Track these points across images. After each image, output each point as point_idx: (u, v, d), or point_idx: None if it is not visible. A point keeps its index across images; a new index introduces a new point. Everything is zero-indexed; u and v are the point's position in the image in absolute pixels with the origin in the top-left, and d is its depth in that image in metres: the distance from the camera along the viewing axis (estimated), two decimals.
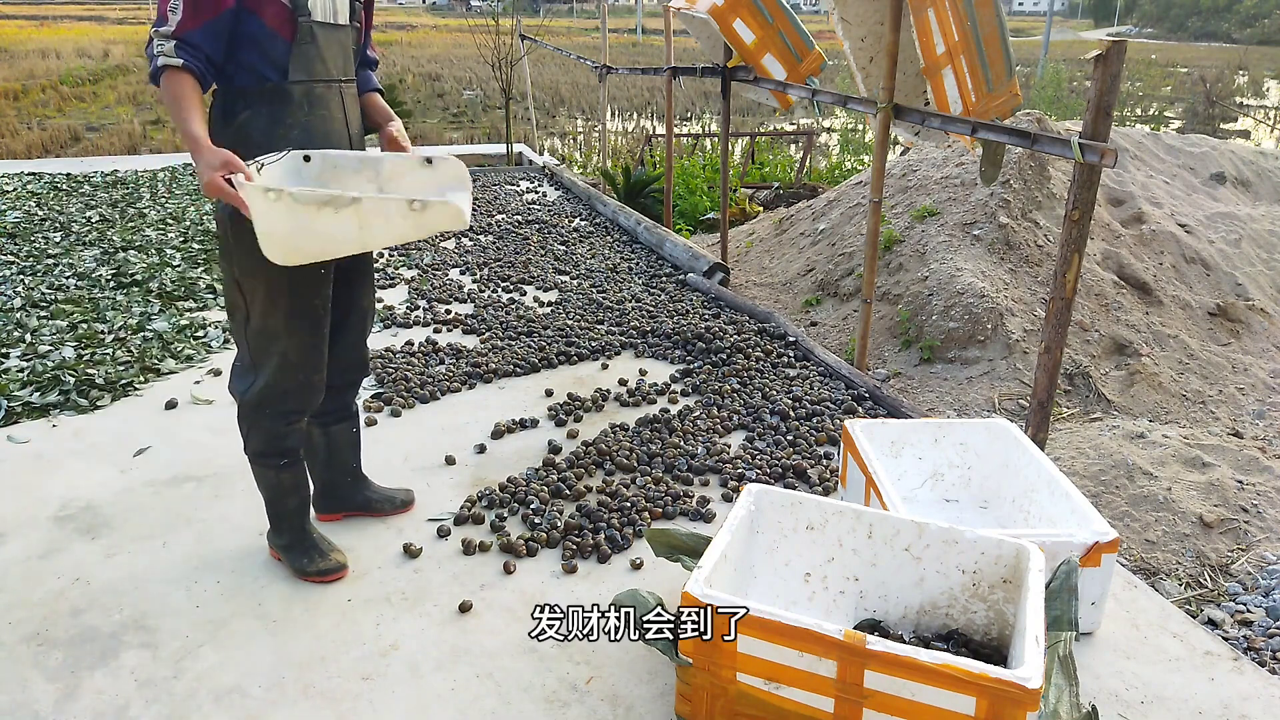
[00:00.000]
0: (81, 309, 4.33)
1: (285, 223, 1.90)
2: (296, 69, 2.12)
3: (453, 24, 34.93)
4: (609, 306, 4.55)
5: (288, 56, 2.10)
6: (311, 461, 2.58)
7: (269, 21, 2.06)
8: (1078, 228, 2.81)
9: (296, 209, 1.88)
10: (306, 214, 1.90)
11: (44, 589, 2.39)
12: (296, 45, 2.10)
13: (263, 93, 2.11)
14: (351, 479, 2.69)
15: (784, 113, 13.54)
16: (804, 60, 4.79)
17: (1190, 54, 34.17)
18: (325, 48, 2.16)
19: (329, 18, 2.16)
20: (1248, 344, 5.51)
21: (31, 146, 12.66)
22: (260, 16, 2.05)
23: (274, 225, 1.91)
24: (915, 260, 5.52)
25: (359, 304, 2.45)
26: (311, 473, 2.58)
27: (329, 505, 2.68)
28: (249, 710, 1.98)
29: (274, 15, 2.06)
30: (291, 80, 2.12)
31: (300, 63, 2.12)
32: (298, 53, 2.11)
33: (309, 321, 2.25)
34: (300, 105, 2.15)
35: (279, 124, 2.13)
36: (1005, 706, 1.57)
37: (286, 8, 2.07)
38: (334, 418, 2.56)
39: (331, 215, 1.91)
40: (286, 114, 2.13)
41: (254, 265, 2.10)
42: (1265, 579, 3.05)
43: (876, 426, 2.69)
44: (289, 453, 2.36)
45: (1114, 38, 2.70)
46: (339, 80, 2.23)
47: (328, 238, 1.95)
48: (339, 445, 2.61)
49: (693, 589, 1.79)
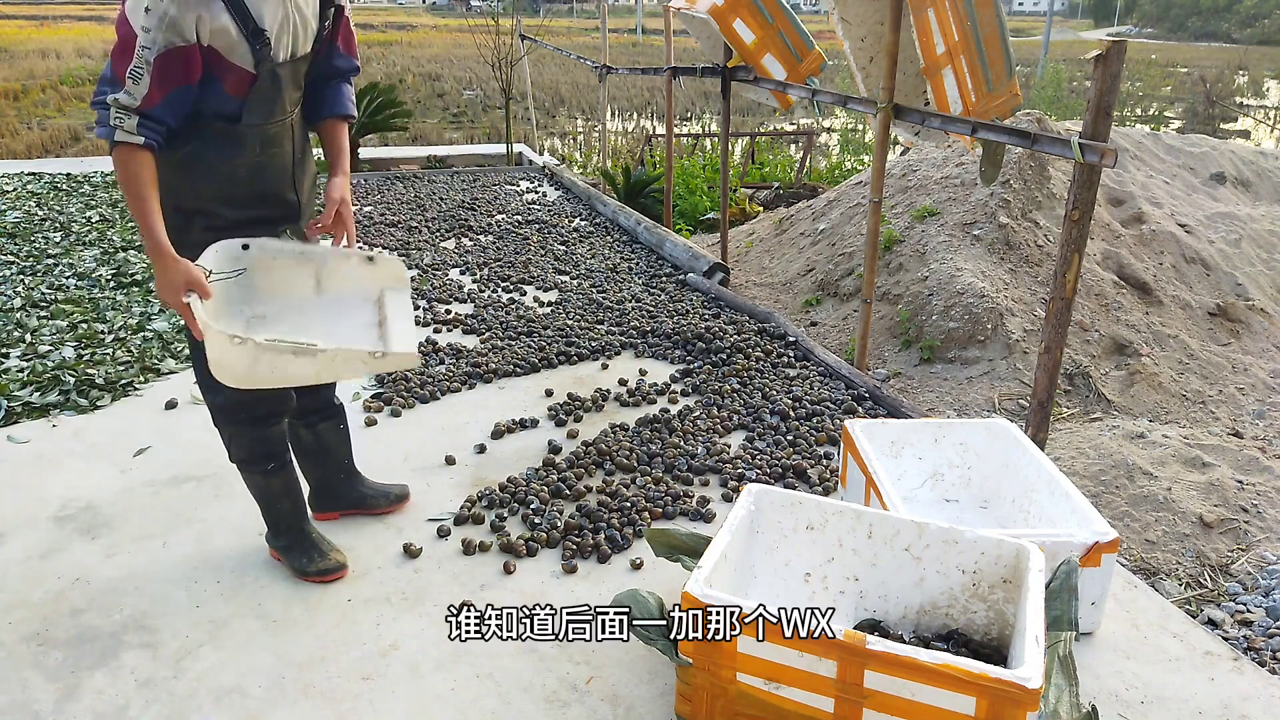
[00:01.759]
0: (81, 309, 4.33)
1: (244, 361, 1.91)
2: (251, 114, 2.05)
3: (453, 24, 34.91)
4: (609, 306, 4.55)
5: (242, 108, 2.04)
6: (303, 461, 2.56)
7: (228, 88, 1.99)
8: (1078, 228, 2.81)
9: (259, 353, 1.89)
10: (267, 358, 1.91)
11: (44, 589, 2.39)
12: (253, 93, 2.02)
13: (214, 130, 2.04)
14: (345, 476, 2.68)
15: (784, 113, 13.54)
16: (804, 60, 4.79)
17: (1190, 54, 34.17)
18: (284, 84, 2.08)
19: (289, 54, 2.06)
20: (1248, 344, 5.51)
21: (31, 146, 12.67)
22: (221, 83, 1.98)
23: (232, 362, 1.92)
24: (915, 260, 5.52)
25: None
26: (305, 473, 2.57)
27: (324, 504, 2.68)
28: (249, 710, 1.98)
29: (234, 82, 1.99)
30: (245, 123, 2.06)
31: (255, 107, 2.05)
32: (253, 99, 2.03)
33: None
34: (251, 146, 2.09)
35: (225, 161, 2.07)
36: (1005, 706, 1.57)
37: (249, 74, 1.99)
38: (318, 416, 2.54)
39: (291, 358, 1.93)
40: (235, 153, 2.07)
41: None
42: (1265, 579, 3.05)
43: (876, 426, 2.69)
44: (274, 456, 2.35)
45: (1114, 38, 2.70)
46: (289, 115, 2.17)
47: (284, 375, 1.96)
48: (328, 443, 2.59)
49: (693, 589, 1.79)
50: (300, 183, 2.26)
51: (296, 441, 2.52)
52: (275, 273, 2.20)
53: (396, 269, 2.33)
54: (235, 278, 2.12)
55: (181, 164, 2.04)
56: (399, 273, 2.33)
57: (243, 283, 2.15)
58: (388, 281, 2.32)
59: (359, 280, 2.30)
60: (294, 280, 2.23)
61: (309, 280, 2.25)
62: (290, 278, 2.22)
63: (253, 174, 2.12)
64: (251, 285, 2.17)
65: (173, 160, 2.02)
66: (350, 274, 2.29)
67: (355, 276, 2.29)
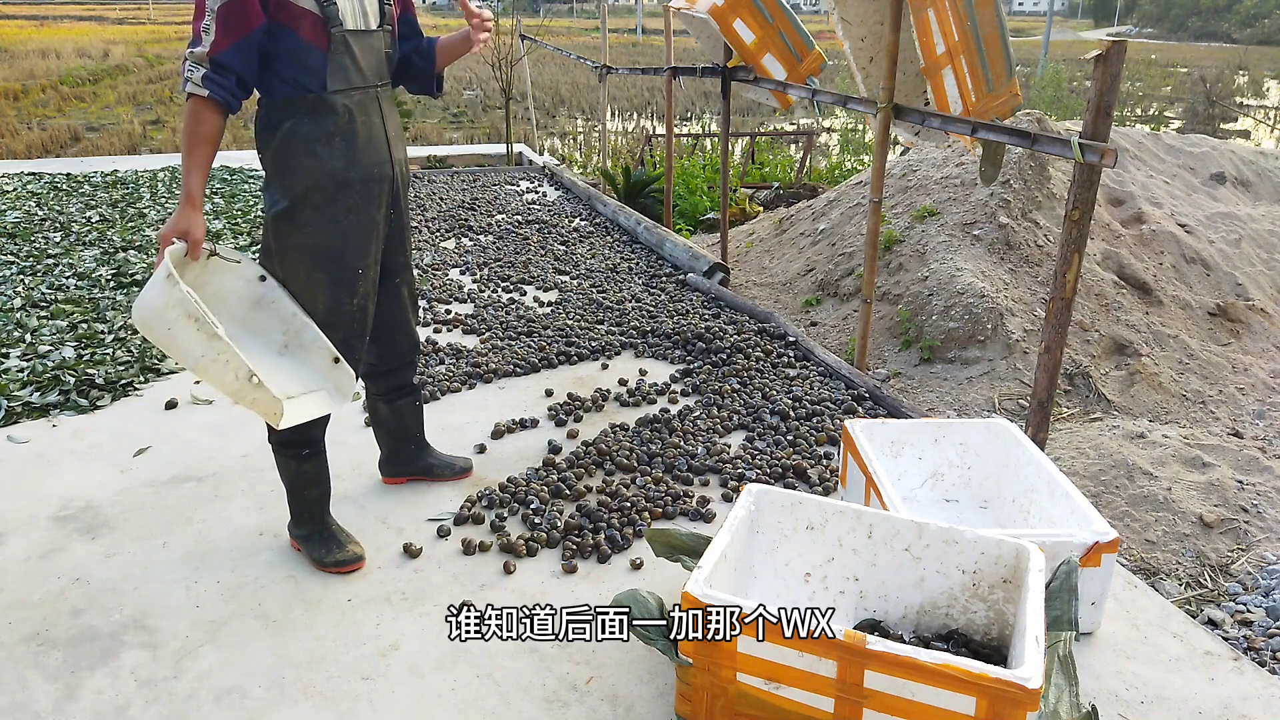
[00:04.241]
0: (81, 309, 4.33)
1: (155, 302, 1.98)
2: (334, 79, 2.17)
3: (453, 24, 34.85)
4: (609, 306, 4.55)
5: (325, 67, 2.15)
6: (379, 430, 2.84)
7: (304, 34, 2.11)
8: (1078, 228, 2.81)
9: (175, 304, 1.96)
10: (176, 312, 1.97)
11: (44, 589, 2.39)
12: (331, 55, 2.15)
13: (304, 103, 2.17)
14: (415, 446, 2.88)
15: (784, 113, 13.54)
16: (804, 60, 4.79)
17: (1190, 54, 34.18)
18: (360, 55, 2.21)
19: (360, 24, 2.20)
20: (1248, 344, 5.51)
21: (31, 146, 12.67)
22: (295, 31, 2.10)
23: (150, 297, 2.00)
24: (915, 260, 5.52)
25: (398, 292, 2.54)
26: (379, 441, 2.86)
27: (394, 470, 2.89)
28: (249, 710, 1.98)
29: (309, 28, 2.11)
30: (331, 90, 2.17)
31: (337, 72, 2.17)
32: (334, 63, 2.16)
33: (346, 318, 2.33)
34: (342, 114, 2.20)
35: (321, 132, 2.19)
36: (1005, 706, 1.57)
37: (320, 18, 2.11)
38: (398, 394, 2.74)
39: (193, 330, 1.98)
40: (329, 123, 2.20)
41: (295, 266, 2.26)
42: (1265, 579, 3.05)
43: (876, 426, 2.69)
44: (312, 443, 2.42)
45: (1114, 38, 2.70)
46: (375, 86, 2.28)
47: (174, 342, 2.01)
48: (403, 417, 2.80)
49: (693, 589, 1.79)
50: (397, 160, 2.36)
51: (375, 414, 2.79)
52: (259, 317, 2.28)
53: (344, 380, 2.29)
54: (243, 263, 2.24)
55: (283, 141, 2.18)
56: (343, 384, 2.29)
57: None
58: (327, 374, 2.29)
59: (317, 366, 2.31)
60: (267, 327, 2.30)
61: (279, 338, 2.30)
62: (263, 327, 2.29)
63: (346, 143, 2.23)
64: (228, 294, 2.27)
65: (274, 141, 2.19)
66: (315, 357, 2.29)
67: (317, 358, 2.30)
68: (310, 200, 2.22)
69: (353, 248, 2.29)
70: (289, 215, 2.23)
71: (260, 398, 2.06)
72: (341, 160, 2.22)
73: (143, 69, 22.79)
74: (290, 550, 2.56)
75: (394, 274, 2.49)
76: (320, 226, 2.24)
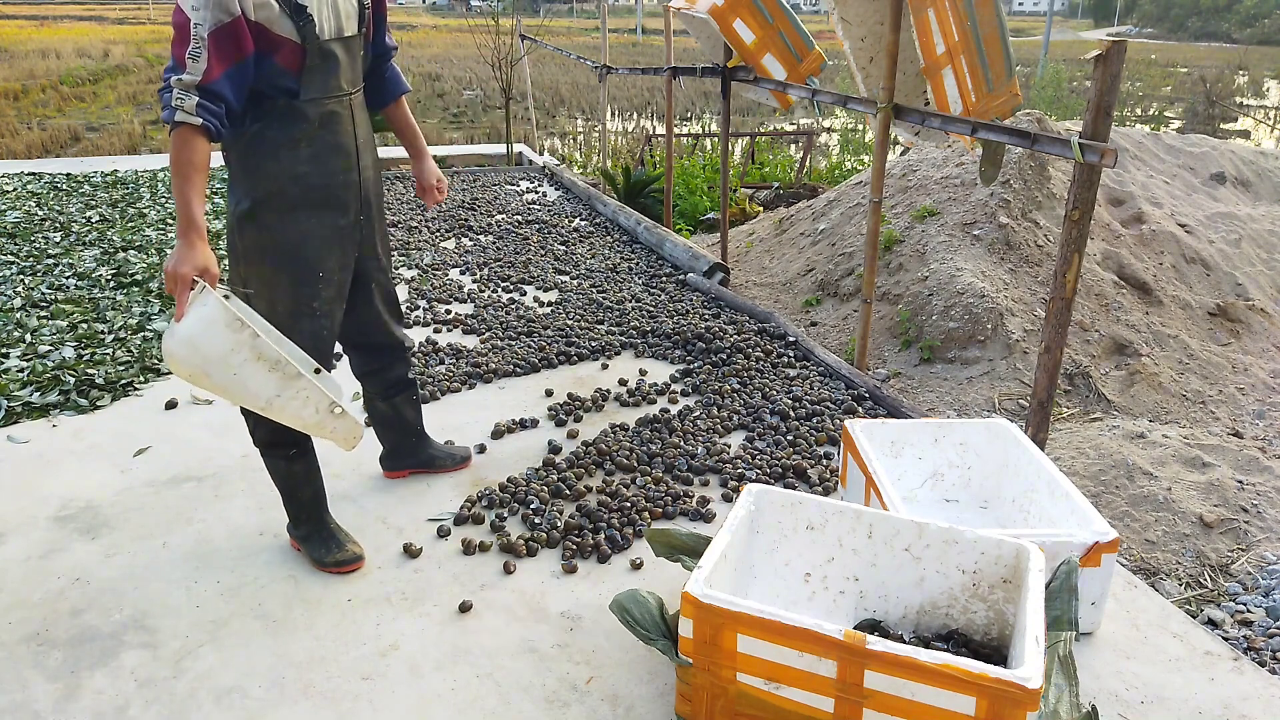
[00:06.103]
0: (81, 309, 4.33)
1: (218, 347, 1.83)
2: (308, 89, 2.15)
3: (453, 24, 34.92)
4: (609, 306, 4.55)
5: (299, 82, 2.14)
6: (378, 427, 2.86)
7: (281, 61, 2.09)
8: (1078, 228, 2.81)
9: (241, 348, 1.81)
10: (244, 355, 1.83)
11: (44, 589, 2.39)
12: (306, 69, 2.13)
13: (275, 107, 2.14)
14: (415, 439, 2.92)
15: (784, 113, 13.54)
16: (804, 60, 4.79)
17: (1190, 54, 34.18)
18: (335, 64, 2.19)
19: (337, 34, 2.18)
20: (1248, 344, 5.51)
21: (31, 146, 12.68)
22: (272, 56, 2.07)
23: (206, 342, 1.84)
24: (915, 260, 5.52)
25: (371, 295, 2.52)
26: (380, 438, 2.89)
27: (394, 464, 2.93)
28: (249, 710, 1.98)
29: (286, 54, 2.09)
30: (304, 99, 2.15)
31: (312, 82, 2.15)
32: (308, 75, 2.14)
33: (308, 321, 2.30)
34: (313, 121, 2.18)
35: (288, 137, 2.17)
36: (1005, 706, 1.57)
37: (298, 45, 2.09)
38: (394, 390, 2.77)
39: (264, 372, 1.86)
40: (297, 129, 2.17)
41: (257, 265, 2.24)
42: (1265, 579, 3.05)
43: (876, 426, 2.69)
44: (296, 443, 2.40)
45: (1114, 38, 2.70)
46: (349, 94, 2.26)
47: (239, 386, 1.87)
48: (403, 413, 2.83)
49: (693, 589, 1.79)
50: (364, 166, 2.34)
51: (374, 412, 2.81)
52: None
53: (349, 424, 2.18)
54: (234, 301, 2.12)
55: (248, 149, 2.15)
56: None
57: None
58: None
59: None
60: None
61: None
62: None
63: (316, 153, 2.20)
64: None
65: (239, 147, 2.16)
66: None
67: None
68: (272, 204, 2.19)
69: (314, 251, 2.26)
70: (252, 216, 2.19)
71: (340, 425, 1.99)
72: (306, 166, 2.19)
73: (143, 69, 22.79)
74: (290, 550, 2.56)
75: (368, 278, 2.48)
76: (282, 229, 2.21)
